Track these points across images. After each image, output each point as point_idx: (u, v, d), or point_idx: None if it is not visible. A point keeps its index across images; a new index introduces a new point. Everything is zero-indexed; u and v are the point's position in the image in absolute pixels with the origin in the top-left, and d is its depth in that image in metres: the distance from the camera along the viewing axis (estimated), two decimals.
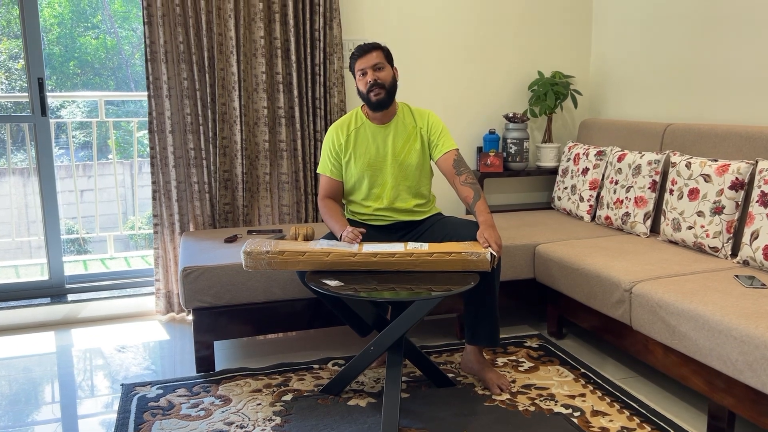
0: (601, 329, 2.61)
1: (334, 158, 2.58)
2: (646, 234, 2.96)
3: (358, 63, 2.46)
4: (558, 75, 3.71)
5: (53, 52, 5.46)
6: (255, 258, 2.22)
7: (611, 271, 2.47)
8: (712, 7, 3.03)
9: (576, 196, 3.37)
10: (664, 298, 2.18)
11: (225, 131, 3.20)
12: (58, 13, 5.48)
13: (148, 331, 3.14)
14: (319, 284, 2.10)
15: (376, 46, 2.47)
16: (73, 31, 5.49)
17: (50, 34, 5.47)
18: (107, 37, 5.57)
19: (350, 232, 2.36)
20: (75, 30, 5.49)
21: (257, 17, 3.15)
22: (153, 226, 3.21)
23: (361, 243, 2.34)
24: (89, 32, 5.52)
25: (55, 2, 5.42)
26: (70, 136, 4.12)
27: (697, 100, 3.16)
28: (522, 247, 2.91)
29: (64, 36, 5.47)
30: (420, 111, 2.62)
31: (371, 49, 2.45)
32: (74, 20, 5.52)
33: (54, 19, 5.46)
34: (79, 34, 5.47)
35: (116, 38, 5.62)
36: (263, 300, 2.62)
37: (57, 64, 5.45)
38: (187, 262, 2.57)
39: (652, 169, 2.94)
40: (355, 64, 2.47)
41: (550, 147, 3.73)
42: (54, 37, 5.46)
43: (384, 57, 2.48)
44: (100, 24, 5.60)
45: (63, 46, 5.46)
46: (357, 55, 2.46)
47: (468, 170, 2.51)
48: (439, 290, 2.05)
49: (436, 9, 3.59)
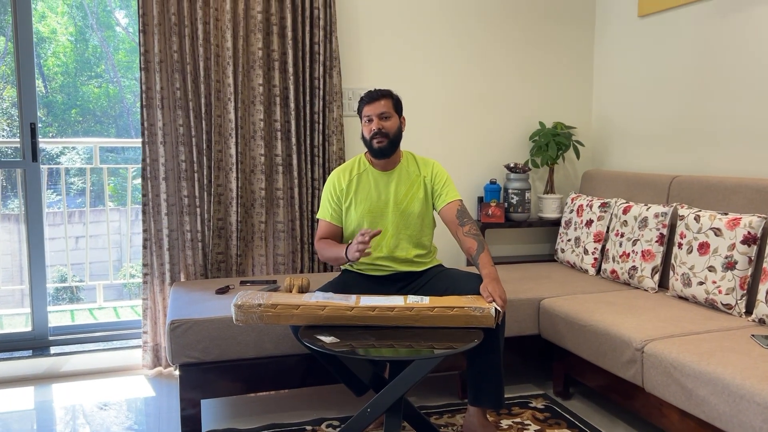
0: (610, 390, 2.47)
1: (334, 203, 2.51)
2: (655, 289, 2.86)
3: (365, 109, 2.42)
4: (560, 126, 3.66)
5: (55, 100, 5.50)
6: (246, 311, 2.10)
7: (621, 328, 2.35)
8: (716, 59, 3.00)
9: (580, 248, 3.28)
10: (679, 359, 2.05)
11: (220, 178, 3.12)
12: (62, 62, 5.54)
13: (133, 387, 2.99)
14: (314, 340, 1.98)
15: (386, 94, 2.43)
16: (77, 80, 5.54)
17: (53, 82, 5.50)
18: (110, 86, 5.60)
19: (359, 236, 2.22)
20: (78, 79, 5.54)
21: (256, 65, 3.11)
22: (142, 276, 3.09)
23: (359, 296, 2.23)
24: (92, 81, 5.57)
25: (60, 52, 5.50)
26: (63, 182, 4.04)
27: (702, 152, 3.10)
28: (526, 302, 2.80)
29: (67, 85, 5.51)
30: (425, 160, 2.56)
31: (381, 97, 2.41)
32: (78, 69, 5.59)
33: (58, 68, 5.52)
34: (83, 82, 5.52)
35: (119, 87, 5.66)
36: (254, 356, 2.48)
37: (59, 111, 5.48)
38: (175, 315, 2.44)
39: (659, 222, 2.85)
40: (362, 110, 2.43)
41: (552, 198, 3.66)
42: (57, 86, 5.50)
43: (392, 106, 2.44)
44: (104, 73, 5.65)
45: (66, 94, 5.50)
46: (366, 100, 2.42)
47: (471, 221, 2.43)
48: (441, 348, 1.93)
49: (437, 58, 3.57)
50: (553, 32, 3.76)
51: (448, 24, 3.57)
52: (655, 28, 3.36)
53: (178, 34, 3.00)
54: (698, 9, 3.09)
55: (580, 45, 3.82)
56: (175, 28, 2.99)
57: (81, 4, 5.50)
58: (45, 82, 5.47)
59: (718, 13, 2.98)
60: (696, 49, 3.11)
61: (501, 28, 3.66)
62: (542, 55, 3.76)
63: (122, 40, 5.49)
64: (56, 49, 5.47)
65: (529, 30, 3.71)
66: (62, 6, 5.48)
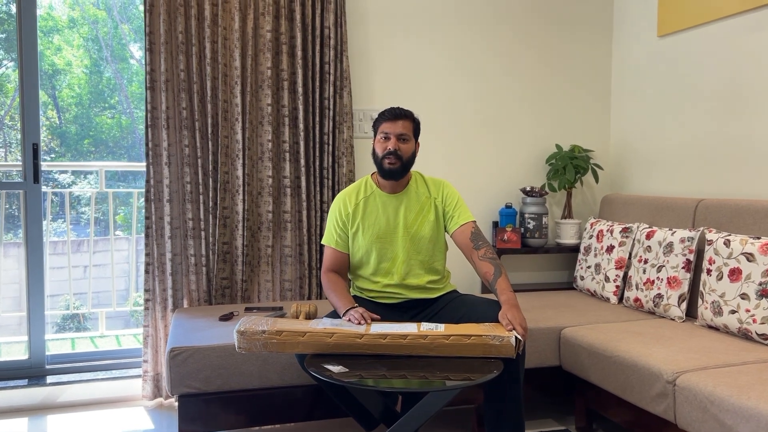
0: (637, 425, 2.30)
1: (340, 229, 2.38)
2: (682, 318, 2.70)
3: (384, 125, 2.31)
4: (577, 149, 3.55)
5: (69, 130, 5.55)
6: (249, 339, 1.97)
7: (650, 360, 2.19)
8: (741, 78, 2.89)
9: (601, 275, 3.13)
10: (715, 393, 1.89)
11: (226, 201, 3.02)
12: (76, 94, 5.60)
13: (131, 419, 2.84)
14: (321, 370, 1.85)
15: (408, 115, 2.33)
16: (90, 110, 5.59)
17: (67, 113, 5.54)
18: (123, 117, 5.65)
19: (357, 311, 2.12)
20: (92, 110, 5.59)
21: (265, 84, 3.03)
22: (144, 302, 2.97)
23: (369, 323, 2.09)
24: (106, 112, 5.62)
25: (75, 84, 5.56)
26: (68, 205, 3.96)
27: (729, 175, 2.96)
28: (545, 331, 2.65)
29: (81, 116, 5.58)
30: (435, 180, 2.44)
31: (403, 117, 2.31)
32: (92, 101, 5.65)
33: (72, 99, 5.57)
34: (96, 113, 5.57)
35: (131, 118, 5.69)
36: (258, 386, 2.34)
37: (72, 142, 5.53)
38: (175, 342, 2.32)
39: (685, 247, 2.71)
40: (380, 125, 2.32)
41: (570, 223, 3.52)
42: (71, 117, 5.55)
43: (412, 129, 2.35)
44: (117, 105, 5.69)
45: (79, 125, 5.56)
46: (387, 116, 2.31)
47: (487, 244, 2.30)
48: (458, 379, 1.79)
49: (450, 80, 3.48)
50: (570, 53, 3.67)
51: (461, 45, 3.49)
52: (675, 47, 3.26)
53: (185, 53, 2.93)
54: (720, 27, 2.99)
55: (597, 66, 3.73)
56: (182, 46, 2.92)
57: (96, 38, 5.58)
58: (59, 113, 5.51)
59: (742, 30, 2.88)
60: (719, 69, 3.00)
61: (515, 49, 3.58)
62: (559, 75, 3.66)
63: (136, 72, 5.54)
64: (71, 80, 5.55)
65: (544, 50, 3.63)
66: (78, 39, 5.57)
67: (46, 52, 5.41)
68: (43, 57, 5.38)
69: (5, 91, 4.67)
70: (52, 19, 5.48)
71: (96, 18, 5.63)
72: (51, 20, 5.47)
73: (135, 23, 5.42)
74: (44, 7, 5.29)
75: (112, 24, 5.60)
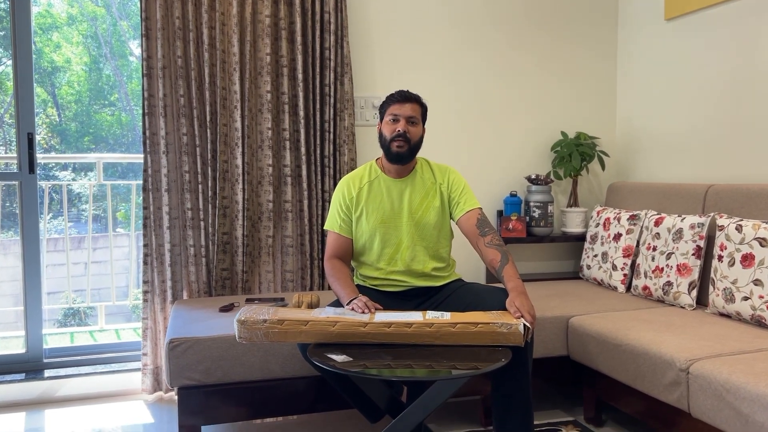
0: (649, 415, 2.25)
1: (344, 213, 2.33)
2: (692, 306, 2.64)
3: (393, 107, 2.26)
4: (583, 136, 3.48)
5: (69, 127, 5.52)
6: (250, 328, 1.91)
7: (661, 348, 2.13)
8: (751, 61, 2.82)
9: (608, 264, 3.07)
10: (731, 380, 1.84)
11: (226, 190, 2.96)
12: (76, 91, 5.57)
13: (130, 413, 2.79)
14: (324, 359, 1.79)
15: (418, 99, 2.29)
16: (90, 108, 5.55)
17: (67, 111, 5.50)
18: (122, 114, 5.61)
19: (361, 300, 2.06)
20: (91, 107, 5.56)
21: (264, 71, 2.97)
22: (143, 294, 2.91)
23: (373, 312, 2.04)
24: (105, 109, 5.60)
25: (75, 81, 5.53)
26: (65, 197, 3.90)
27: (739, 160, 2.90)
28: (552, 320, 2.59)
29: (80, 113, 5.55)
30: (440, 166, 2.39)
31: (413, 100, 2.27)
32: (92, 98, 5.62)
33: (72, 96, 5.54)
34: (96, 111, 5.54)
35: (131, 115, 5.66)
36: (260, 378, 2.29)
37: (72, 139, 5.51)
38: (174, 333, 2.26)
39: (695, 234, 2.65)
40: (389, 107, 2.27)
41: (576, 211, 3.46)
42: (71, 114, 5.52)
43: (420, 113, 2.30)
44: (117, 102, 5.65)
45: (79, 122, 5.54)
46: (396, 98, 2.26)
47: (493, 231, 2.24)
48: (465, 368, 1.73)
49: (453, 66, 3.41)
50: (574, 38, 3.60)
51: (464, 31, 3.42)
52: (683, 30, 3.19)
53: (182, 39, 2.87)
54: (729, 9, 2.92)
55: (602, 51, 3.65)
56: (179, 32, 2.86)
57: (95, 35, 5.54)
58: (59, 111, 5.47)
59: (751, 12, 2.81)
60: (729, 51, 2.93)
61: (519, 34, 3.51)
62: (563, 61, 3.59)
63: (135, 69, 5.51)
64: (70, 78, 5.51)
65: (548, 36, 3.56)
66: (77, 36, 5.52)
67: (45, 49, 5.36)
68: (42, 54, 5.33)
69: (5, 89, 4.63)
70: (50, 16, 5.42)
71: (95, 15, 5.59)
72: (50, 17, 5.41)
73: (134, 20, 5.37)
74: (43, 4, 5.23)
75: (111, 21, 5.56)
